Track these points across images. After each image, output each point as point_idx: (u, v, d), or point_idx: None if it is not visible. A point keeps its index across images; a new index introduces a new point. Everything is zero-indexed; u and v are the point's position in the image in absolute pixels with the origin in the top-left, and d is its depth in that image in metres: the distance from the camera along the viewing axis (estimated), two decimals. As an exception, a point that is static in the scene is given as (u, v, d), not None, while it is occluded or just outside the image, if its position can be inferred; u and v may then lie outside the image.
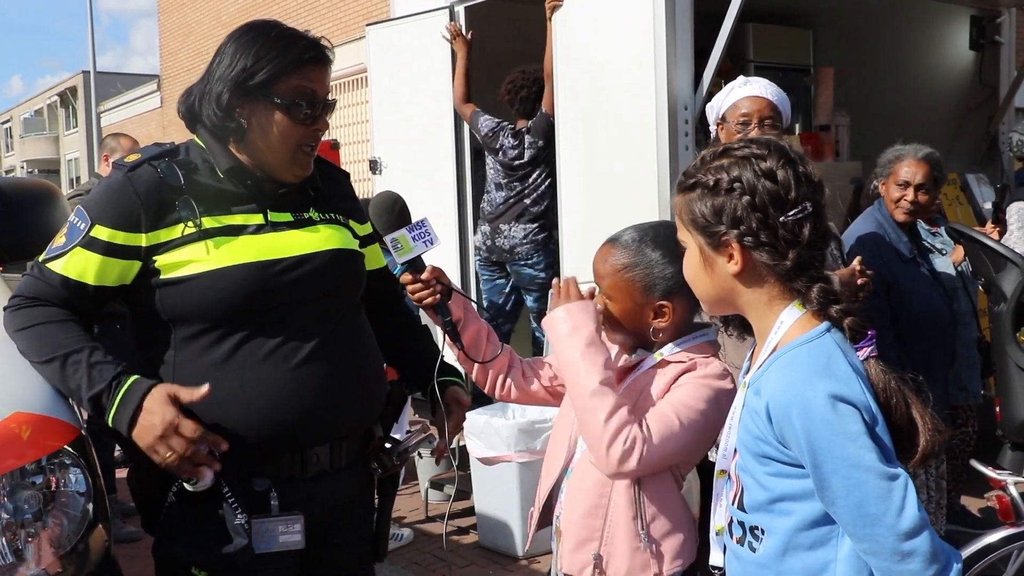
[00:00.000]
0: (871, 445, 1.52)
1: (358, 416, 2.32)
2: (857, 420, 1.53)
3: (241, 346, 2.14)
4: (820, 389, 1.55)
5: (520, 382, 2.33)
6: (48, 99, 46.24)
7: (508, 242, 5.52)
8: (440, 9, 5.57)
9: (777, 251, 1.64)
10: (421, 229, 2.24)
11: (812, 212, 1.64)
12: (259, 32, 2.21)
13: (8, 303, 2.18)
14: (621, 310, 2.13)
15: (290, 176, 2.25)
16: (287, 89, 2.17)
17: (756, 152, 1.68)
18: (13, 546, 1.95)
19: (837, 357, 1.59)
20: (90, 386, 2.05)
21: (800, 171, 1.66)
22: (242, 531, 2.08)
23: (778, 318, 1.67)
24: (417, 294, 2.23)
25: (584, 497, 2.09)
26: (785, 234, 1.63)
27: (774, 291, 1.68)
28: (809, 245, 1.64)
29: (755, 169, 1.65)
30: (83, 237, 2.12)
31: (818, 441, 1.54)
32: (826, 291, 1.64)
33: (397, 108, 5.92)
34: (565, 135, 5.02)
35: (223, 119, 2.18)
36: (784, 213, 1.63)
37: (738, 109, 3.30)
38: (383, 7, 12.98)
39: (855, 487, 1.52)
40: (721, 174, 1.68)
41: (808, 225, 1.64)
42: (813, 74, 6.77)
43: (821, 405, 1.54)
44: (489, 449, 4.60)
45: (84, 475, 2.10)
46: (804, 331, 1.63)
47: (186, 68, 22.29)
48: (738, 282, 1.69)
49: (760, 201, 1.64)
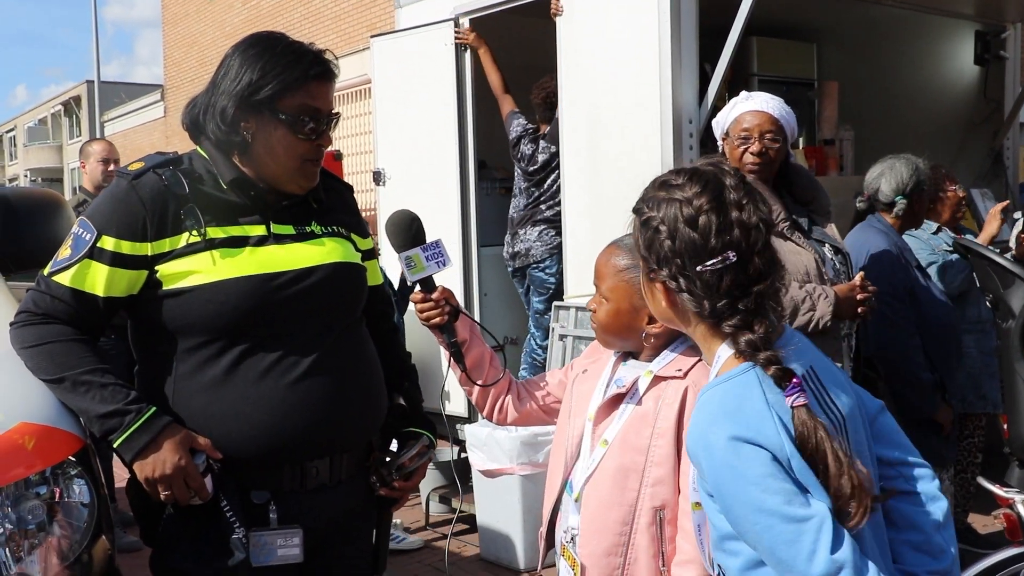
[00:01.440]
0: (777, 487, 1.46)
1: (358, 429, 2.32)
2: (762, 462, 1.48)
3: (242, 359, 2.14)
4: (722, 432, 1.51)
5: (516, 404, 2.35)
6: (52, 108, 46.31)
7: (524, 246, 5.62)
8: (445, 21, 5.57)
9: (696, 298, 1.61)
10: (435, 250, 2.25)
11: (736, 262, 1.58)
12: (265, 46, 2.21)
13: (15, 318, 2.17)
14: (616, 311, 2.12)
15: (295, 188, 2.25)
16: (292, 105, 2.17)
17: (683, 195, 1.63)
18: (17, 556, 1.95)
19: (752, 397, 1.53)
20: (101, 406, 2.05)
21: (730, 217, 1.59)
22: (240, 545, 2.08)
23: (716, 353, 1.64)
24: (425, 313, 2.23)
25: (603, 535, 2.06)
26: (702, 284, 1.59)
27: (704, 330, 1.65)
28: (727, 295, 1.58)
29: (678, 213, 1.62)
30: (89, 248, 2.11)
31: (723, 485, 1.52)
32: (751, 341, 1.57)
33: (401, 119, 5.92)
34: (569, 147, 5.02)
35: (228, 133, 2.18)
36: (701, 263, 1.59)
37: (740, 124, 3.30)
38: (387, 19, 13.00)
39: (764, 532, 1.48)
40: (653, 210, 1.67)
41: (729, 276, 1.58)
42: (817, 88, 6.79)
43: (722, 448, 1.50)
44: (491, 461, 4.59)
45: (88, 486, 2.10)
46: (732, 367, 1.60)
47: (190, 78, 22.32)
48: (675, 316, 1.69)
49: (680, 247, 1.61)
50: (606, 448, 2.07)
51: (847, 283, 3.20)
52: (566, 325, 4.99)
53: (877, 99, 6.87)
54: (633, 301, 2.10)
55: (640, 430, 2.05)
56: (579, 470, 2.13)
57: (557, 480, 2.19)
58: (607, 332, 2.17)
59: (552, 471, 2.24)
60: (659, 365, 2.10)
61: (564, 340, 4.99)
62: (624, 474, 2.04)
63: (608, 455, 2.06)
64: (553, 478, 2.22)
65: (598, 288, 2.18)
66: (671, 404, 2.04)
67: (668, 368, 2.08)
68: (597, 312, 2.16)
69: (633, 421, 2.06)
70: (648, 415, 2.06)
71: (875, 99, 6.87)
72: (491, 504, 4.82)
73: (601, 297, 2.16)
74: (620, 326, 2.13)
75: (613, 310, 2.13)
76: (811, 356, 1.67)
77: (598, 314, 2.16)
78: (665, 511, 2.01)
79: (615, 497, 2.04)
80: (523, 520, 4.63)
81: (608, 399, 2.11)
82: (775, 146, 3.25)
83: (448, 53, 5.56)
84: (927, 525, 1.70)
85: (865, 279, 3.19)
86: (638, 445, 2.04)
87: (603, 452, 2.07)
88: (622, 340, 2.16)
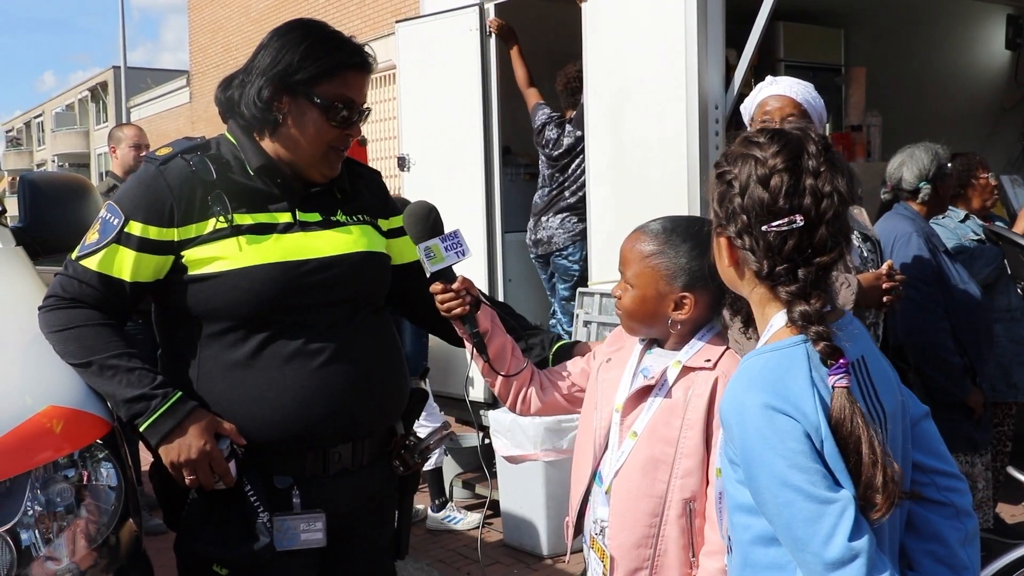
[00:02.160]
0: (806, 465, 1.44)
1: (380, 415, 2.33)
2: (795, 437, 1.45)
3: (266, 345, 2.15)
4: (759, 399, 1.49)
5: (539, 394, 2.33)
6: (79, 94, 46.64)
7: (547, 233, 5.62)
8: (470, 6, 5.56)
9: (756, 257, 1.59)
10: (454, 240, 2.24)
11: (802, 227, 1.55)
12: (308, 31, 2.23)
13: (44, 303, 2.19)
14: (641, 298, 2.10)
15: (317, 175, 2.26)
16: (329, 91, 2.19)
17: (761, 154, 1.60)
18: (46, 538, 1.97)
19: (797, 371, 1.51)
20: (128, 390, 2.07)
21: (803, 182, 1.57)
22: (264, 529, 2.10)
23: (769, 320, 1.62)
24: (446, 304, 2.23)
25: (633, 527, 2.04)
26: (765, 244, 1.57)
27: (762, 293, 1.63)
28: (788, 259, 1.56)
29: (752, 170, 1.59)
30: (117, 233, 2.13)
31: (751, 453, 1.49)
32: (806, 312, 1.54)
33: (426, 105, 5.92)
34: (594, 132, 5.00)
35: (262, 111, 2.19)
36: (767, 223, 1.56)
37: (763, 108, 3.29)
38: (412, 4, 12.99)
39: (784, 507, 1.45)
40: (730, 165, 1.64)
41: (793, 240, 1.56)
42: (844, 74, 6.72)
43: (757, 415, 1.48)
44: (515, 448, 4.59)
45: (115, 469, 2.11)
46: (783, 337, 1.57)
47: (215, 64, 22.39)
48: (735, 275, 1.67)
49: (747, 204, 1.59)
50: (635, 440, 2.06)
51: (872, 272, 3.17)
52: (590, 311, 4.98)
53: (905, 84, 6.79)
54: (659, 287, 2.08)
55: (669, 421, 2.03)
56: (608, 461, 2.12)
57: (585, 470, 2.18)
58: (632, 319, 2.16)
59: (578, 461, 2.23)
60: (687, 355, 2.08)
61: (588, 326, 4.98)
62: (654, 466, 2.03)
63: (637, 447, 2.05)
64: (580, 468, 2.20)
65: (623, 274, 2.16)
66: (701, 395, 2.02)
67: (697, 358, 2.07)
68: (622, 299, 2.15)
69: (662, 412, 2.05)
70: (677, 406, 2.04)
71: (903, 84, 6.80)
72: (515, 490, 4.83)
73: (626, 283, 2.14)
74: (646, 313, 2.12)
75: (639, 296, 2.11)
76: (865, 346, 1.65)
77: (623, 300, 2.15)
78: (695, 503, 2.00)
79: (644, 489, 2.03)
80: (547, 506, 4.63)
81: (637, 390, 2.10)
82: (798, 132, 3.22)
83: (473, 38, 5.55)
84: (953, 539, 1.67)
85: (893, 268, 3.16)
86: (667, 436, 2.03)
87: (632, 444, 2.06)
88: (647, 327, 2.15)
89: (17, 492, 1.95)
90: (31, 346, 2.18)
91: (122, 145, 5.87)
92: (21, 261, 2.89)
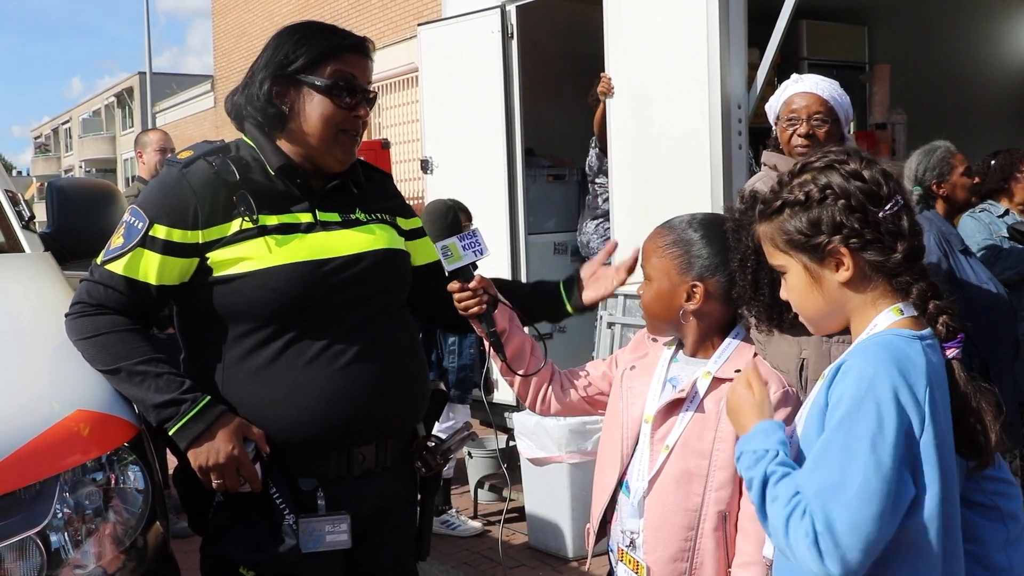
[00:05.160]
0: (900, 454, 1.49)
1: (404, 415, 2.33)
2: (905, 431, 1.50)
3: (290, 346, 2.16)
4: (888, 378, 1.52)
5: (559, 394, 2.32)
6: (106, 100, 47.02)
7: (584, 238, 5.83)
8: (491, 9, 5.57)
9: (885, 246, 1.64)
10: (472, 239, 2.24)
11: (904, 204, 1.66)
12: (301, 25, 2.27)
13: (70, 309, 2.21)
14: (658, 291, 2.10)
15: (333, 162, 2.26)
16: (327, 72, 2.20)
17: (837, 158, 1.69)
18: (74, 541, 1.98)
19: (919, 361, 1.56)
20: (157, 395, 2.08)
21: (881, 169, 1.68)
22: (290, 531, 2.11)
23: (873, 320, 1.66)
24: (463, 303, 2.22)
25: (669, 541, 2.03)
26: (888, 228, 1.64)
27: (879, 291, 1.67)
28: (912, 235, 1.65)
29: (842, 173, 1.67)
30: (141, 237, 2.14)
31: (853, 411, 1.52)
32: (927, 287, 1.64)
33: (448, 107, 5.93)
34: (616, 132, 5.00)
35: (265, 105, 2.21)
36: (882, 208, 1.64)
37: (789, 106, 3.28)
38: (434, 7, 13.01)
39: (855, 462, 1.48)
40: (809, 187, 1.68)
41: (905, 217, 1.65)
42: (869, 71, 6.68)
43: (880, 391, 1.51)
44: (540, 450, 4.59)
45: (142, 472, 2.12)
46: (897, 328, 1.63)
47: (239, 68, 22.50)
48: (847, 289, 1.68)
49: (856, 202, 1.64)
50: (667, 453, 2.04)
51: None
52: (614, 313, 4.98)
53: (930, 81, 6.74)
54: (671, 277, 2.07)
55: (702, 434, 2.02)
56: (635, 471, 2.11)
57: (610, 479, 2.16)
58: (652, 315, 2.15)
59: (602, 468, 2.21)
60: (716, 364, 2.07)
61: (612, 328, 4.97)
62: (688, 479, 2.02)
63: (671, 460, 2.04)
64: (604, 475, 2.19)
65: (644, 270, 2.16)
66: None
67: (726, 368, 2.06)
68: (643, 295, 2.15)
69: (694, 425, 2.04)
70: (710, 419, 2.03)
71: (928, 81, 6.74)
72: (540, 492, 4.82)
73: (647, 280, 2.14)
74: (662, 307, 2.11)
75: (655, 290, 2.11)
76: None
77: (644, 297, 2.14)
78: (729, 514, 1.99)
79: (679, 502, 2.02)
80: (571, 508, 4.62)
81: (667, 402, 2.08)
82: (824, 128, 3.21)
83: (495, 41, 5.55)
84: (992, 541, 1.69)
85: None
86: (701, 449, 2.02)
87: (664, 457, 2.04)
88: (667, 323, 2.14)
89: (46, 495, 1.96)
90: (59, 350, 2.20)
91: (148, 150, 5.92)
92: (49, 266, 2.91)
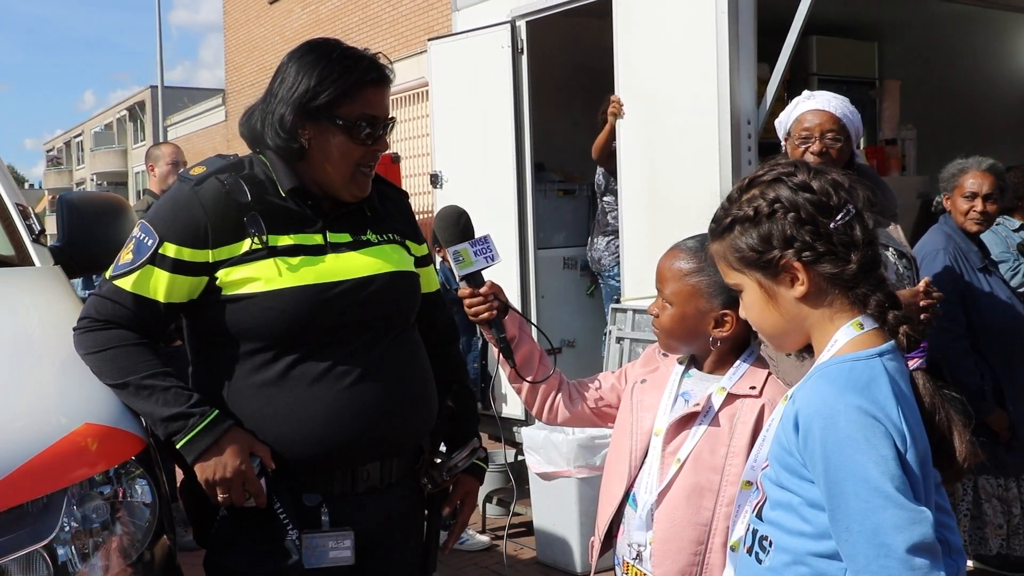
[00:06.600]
0: (898, 474, 1.45)
1: (410, 433, 2.33)
2: (888, 444, 1.46)
3: (297, 365, 2.16)
4: (852, 402, 1.49)
5: (567, 403, 2.31)
6: (117, 113, 47.27)
7: (595, 254, 5.83)
8: (502, 24, 5.58)
9: (838, 257, 1.61)
10: (484, 245, 2.25)
11: (856, 213, 1.63)
12: (321, 53, 2.23)
13: (78, 324, 2.21)
14: (681, 316, 2.09)
15: (347, 196, 2.26)
16: (350, 111, 2.19)
17: (784, 171, 1.66)
18: (82, 554, 1.98)
19: (881, 380, 1.53)
20: (165, 409, 2.09)
21: (831, 178, 1.65)
22: (293, 547, 2.11)
23: (833, 336, 1.62)
24: (474, 308, 2.23)
25: (679, 555, 2.03)
26: (841, 239, 1.61)
27: (836, 304, 1.63)
28: (865, 245, 1.62)
29: (790, 185, 1.64)
30: (151, 254, 2.14)
31: (838, 456, 1.48)
32: (884, 297, 1.62)
33: (458, 122, 5.95)
34: (626, 148, 5.00)
35: (287, 140, 2.20)
36: (833, 219, 1.61)
37: (801, 123, 3.26)
38: (444, 22, 13.05)
39: (873, 512, 1.45)
40: (757, 201, 1.65)
41: (857, 226, 1.62)
42: (878, 87, 6.67)
43: (851, 419, 1.48)
44: (548, 464, 4.58)
45: (150, 486, 2.13)
46: (856, 350, 1.59)
47: (250, 83, 22.60)
48: (804, 305, 1.65)
49: (806, 213, 1.62)
50: (679, 466, 2.04)
51: (910, 288, 3.12)
52: (623, 327, 4.97)
53: (940, 98, 6.73)
54: (699, 305, 2.06)
55: (715, 449, 2.02)
56: (643, 484, 2.10)
57: (617, 491, 2.16)
58: (671, 337, 2.13)
59: (609, 481, 2.21)
60: (731, 381, 2.07)
61: (621, 343, 4.96)
62: (699, 493, 2.01)
63: (682, 474, 2.03)
64: (611, 487, 2.19)
65: (661, 291, 2.14)
66: (746, 423, 2.01)
67: (741, 384, 2.05)
68: (660, 317, 2.13)
69: (707, 440, 2.03)
70: (723, 434, 2.03)
71: (938, 97, 6.73)
72: (548, 507, 4.81)
73: (664, 302, 2.12)
74: (685, 330, 2.10)
75: (678, 315, 2.09)
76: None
77: (661, 319, 2.12)
78: None
79: (690, 517, 2.02)
80: (580, 523, 4.61)
81: (680, 416, 2.08)
82: (836, 145, 3.20)
83: (505, 55, 5.57)
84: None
85: (930, 285, 3.12)
86: (712, 464, 2.01)
87: (676, 470, 2.04)
88: (687, 344, 2.13)
89: (54, 509, 1.97)
90: (67, 364, 2.20)
91: (160, 163, 5.96)
92: (59, 280, 2.93)
